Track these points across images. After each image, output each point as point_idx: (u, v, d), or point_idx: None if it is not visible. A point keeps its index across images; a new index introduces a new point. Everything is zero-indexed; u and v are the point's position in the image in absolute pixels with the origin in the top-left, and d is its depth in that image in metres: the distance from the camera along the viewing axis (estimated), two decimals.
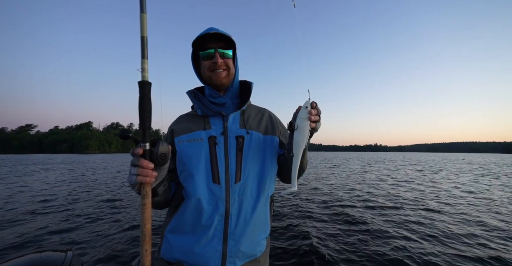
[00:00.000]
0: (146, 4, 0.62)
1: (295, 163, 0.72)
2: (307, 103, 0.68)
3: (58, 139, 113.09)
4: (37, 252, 1.21)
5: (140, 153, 0.61)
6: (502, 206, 5.24)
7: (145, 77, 0.62)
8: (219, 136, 0.80)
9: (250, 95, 0.90)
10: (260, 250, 0.80)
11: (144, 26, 0.61)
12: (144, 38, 0.61)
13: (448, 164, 22.03)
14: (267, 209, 0.82)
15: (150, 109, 0.63)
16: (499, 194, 6.75)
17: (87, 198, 6.15)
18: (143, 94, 0.62)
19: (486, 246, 3.02)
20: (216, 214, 0.73)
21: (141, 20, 0.61)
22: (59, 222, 4.08)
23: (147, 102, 0.62)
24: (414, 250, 2.86)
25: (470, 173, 12.92)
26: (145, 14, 0.62)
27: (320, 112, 0.69)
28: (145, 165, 0.61)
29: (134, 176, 0.61)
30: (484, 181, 9.51)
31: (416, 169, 15.94)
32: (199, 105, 0.85)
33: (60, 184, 8.83)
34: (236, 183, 0.76)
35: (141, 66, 0.61)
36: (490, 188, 7.74)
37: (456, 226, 3.79)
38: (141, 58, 0.61)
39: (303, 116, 0.67)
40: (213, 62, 0.80)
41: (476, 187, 7.88)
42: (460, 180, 9.90)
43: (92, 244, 3.08)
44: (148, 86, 0.62)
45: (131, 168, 0.62)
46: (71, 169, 15.17)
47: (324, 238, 3.27)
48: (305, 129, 0.68)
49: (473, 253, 2.79)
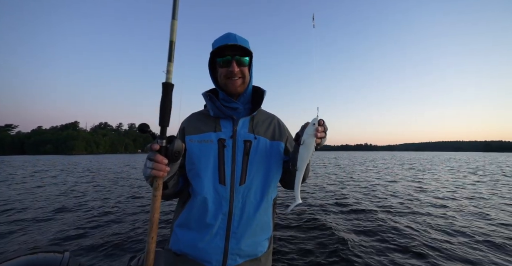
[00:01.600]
0: (178, 12, 0.65)
1: (298, 177, 0.75)
2: (315, 120, 0.70)
3: (42, 139, 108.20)
4: (34, 253, 1.19)
5: (157, 148, 0.64)
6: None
7: (169, 79, 0.65)
8: (228, 139, 0.83)
9: (262, 103, 0.92)
10: (262, 250, 0.84)
11: (174, 31, 0.65)
12: (172, 42, 0.64)
13: (462, 164, 21.23)
14: (269, 212, 0.86)
15: (170, 108, 0.66)
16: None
17: (82, 199, 6.03)
18: (166, 95, 0.65)
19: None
20: (220, 213, 0.77)
21: (172, 26, 0.65)
22: (55, 223, 4.01)
23: (168, 103, 0.66)
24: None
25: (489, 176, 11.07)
26: (176, 21, 0.65)
27: (327, 129, 0.73)
28: (160, 160, 0.64)
29: (149, 169, 0.64)
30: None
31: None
32: (213, 107, 0.88)
33: (52, 184, 8.58)
34: (241, 185, 0.80)
35: (167, 68, 0.64)
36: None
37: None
38: (167, 61, 0.64)
39: (310, 132, 0.70)
40: (230, 70, 0.82)
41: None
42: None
43: (89, 245, 3.05)
44: (171, 87, 0.66)
45: (147, 161, 0.65)
46: (63, 170, 14.68)
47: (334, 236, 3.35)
48: (311, 146, 0.70)
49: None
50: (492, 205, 5.23)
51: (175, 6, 0.64)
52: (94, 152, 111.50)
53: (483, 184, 8.34)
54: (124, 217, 4.37)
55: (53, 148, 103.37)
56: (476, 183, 8.61)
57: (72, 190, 7.47)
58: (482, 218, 4.23)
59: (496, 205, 5.17)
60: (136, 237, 3.30)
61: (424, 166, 18.22)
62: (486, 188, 7.47)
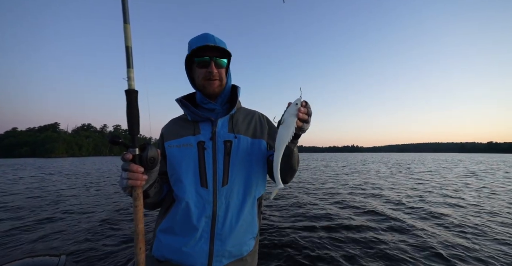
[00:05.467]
0: (129, 15, 0.64)
1: (276, 158, 0.71)
2: (297, 100, 0.68)
3: (17, 141, 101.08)
4: (30, 256, 1.20)
5: (130, 158, 0.63)
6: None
7: (131, 85, 0.64)
8: (207, 141, 0.82)
9: (237, 100, 0.92)
10: (247, 249, 0.83)
11: (128, 36, 0.63)
12: (128, 48, 0.63)
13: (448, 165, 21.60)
14: (254, 211, 0.85)
15: (137, 116, 0.65)
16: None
17: (77, 201, 5.95)
18: (130, 102, 0.64)
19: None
20: (203, 216, 0.77)
21: (125, 31, 0.63)
22: (50, 226, 3.96)
23: (134, 110, 0.64)
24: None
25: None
26: (129, 25, 0.64)
27: (311, 113, 0.70)
28: (135, 169, 0.63)
29: (125, 180, 0.63)
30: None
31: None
32: (188, 112, 0.87)
33: (45, 188, 8.23)
34: (223, 186, 0.79)
35: (127, 75, 0.63)
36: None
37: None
38: (126, 67, 0.63)
39: (291, 112, 0.67)
40: (208, 71, 0.82)
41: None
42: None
43: (85, 248, 3.03)
44: (135, 94, 0.64)
45: (122, 172, 0.64)
46: (51, 173, 13.87)
47: (311, 237, 3.40)
48: (291, 125, 0.67)
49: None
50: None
51: (124, 10, 0.62)
52: (76, 154, 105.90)
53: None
54: (120, 220, 4.35)
55: (29, 151, 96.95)
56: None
57: (64, 193, 7.18)
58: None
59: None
60: (132, 241, 3.18)
61: (435, 166, 18.09)
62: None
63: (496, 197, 6.18)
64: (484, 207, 5.10)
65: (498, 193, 6.76)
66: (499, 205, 5.26)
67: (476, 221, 4.07)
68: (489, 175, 12.21)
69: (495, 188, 7.80)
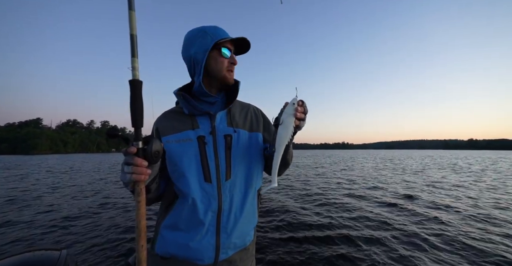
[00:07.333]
0: (134, 1, 0.61)
1: (275, 159, 0.73)
2: (294, 100, 0.69)
3: None
4: (31, 251, 1.19)
5: (134, 151, 0.61)
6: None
7: (136, 75, 0.61)
8: (207, 136, 0.82)
9: (237, 95, 0.91)
10: (249, 239, 0.86)
11: (133, 23, 0.60)
12: (133, 36, 0.60)
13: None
14: (255, 202, 0.87)
15: (142, 108, 0.63)
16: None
17: (77, 196, 5.95)
18: (135, 93, 0.61)
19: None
20: (209, 211, 0.77)
21: (130, 18, 0.60)
22: (51, 221, 3.97)
23: (139, 101, 0.62)
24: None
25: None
26: (134, 12, 0.60)
27: (307, 111, 0.72)
28: (139, 163, 0.61)
29: (129, 175, 0.60)
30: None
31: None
32: (187, 105, 0.85)
33: (43, 183, 8.15)
34: (227, 180, 0.80)
35: (132, 64, 0.60)
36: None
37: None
38: (131, 56, 0.60)
39: (289, 112, 0.69)
40: (232, 62, 0.84)
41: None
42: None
43: (86, 242, 3.04)
44: (140, 84, 0.62)
45: (124, 166, 0.61)
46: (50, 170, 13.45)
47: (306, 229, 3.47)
48: (290, 125, 0.69)
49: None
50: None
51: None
52: (61, 151, 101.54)
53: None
54: (122, 214, 4.34)
55: (9, 147, 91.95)
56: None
57: (65, 188, 7.11)
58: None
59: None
60: (132, 237, 3.21)
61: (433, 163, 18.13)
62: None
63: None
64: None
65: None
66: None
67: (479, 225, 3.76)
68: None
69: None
